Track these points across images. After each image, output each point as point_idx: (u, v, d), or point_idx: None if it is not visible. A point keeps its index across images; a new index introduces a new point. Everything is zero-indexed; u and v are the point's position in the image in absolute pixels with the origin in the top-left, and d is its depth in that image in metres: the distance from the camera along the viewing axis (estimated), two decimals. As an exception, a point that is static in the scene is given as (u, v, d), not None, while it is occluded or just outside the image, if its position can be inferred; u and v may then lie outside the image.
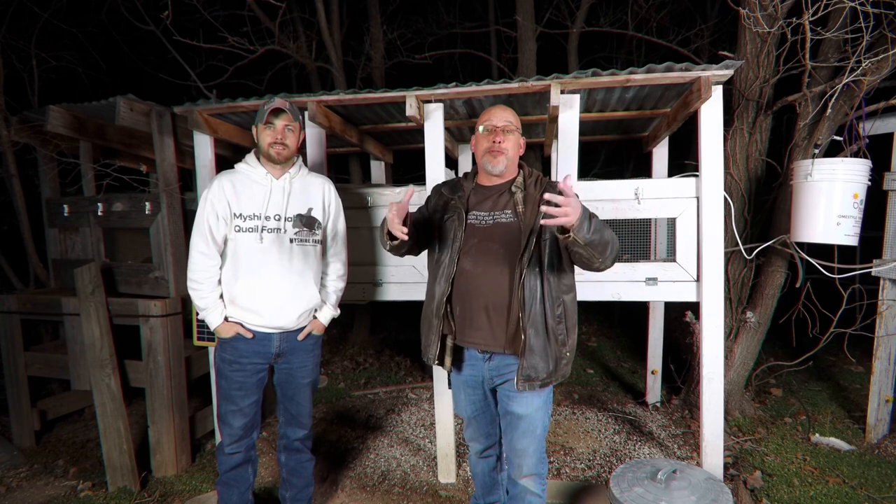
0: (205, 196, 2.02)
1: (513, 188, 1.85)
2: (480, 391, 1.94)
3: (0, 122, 3.19)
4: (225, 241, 2.04)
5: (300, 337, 2.12)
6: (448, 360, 1.87)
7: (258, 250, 2.00)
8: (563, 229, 1.52)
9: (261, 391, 2.13)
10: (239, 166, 2.08)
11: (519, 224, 1.78)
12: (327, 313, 2.20)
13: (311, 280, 2.11)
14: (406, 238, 1.68)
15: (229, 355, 2.06)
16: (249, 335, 2.04)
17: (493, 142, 1.81)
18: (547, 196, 1.46)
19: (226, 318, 2.04)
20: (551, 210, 1.46)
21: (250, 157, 2.09)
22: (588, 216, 1.53)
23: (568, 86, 2.40)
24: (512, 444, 1.87)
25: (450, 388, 2.05)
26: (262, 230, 2.00)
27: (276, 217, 2.02)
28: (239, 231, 2.00)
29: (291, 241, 2.05)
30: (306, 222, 2.08)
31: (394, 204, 1.68)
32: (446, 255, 1.83)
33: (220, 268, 2.06)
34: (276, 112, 2.00)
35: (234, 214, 2.00)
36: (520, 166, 1.92)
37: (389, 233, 1.73)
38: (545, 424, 1.86)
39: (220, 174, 2.07)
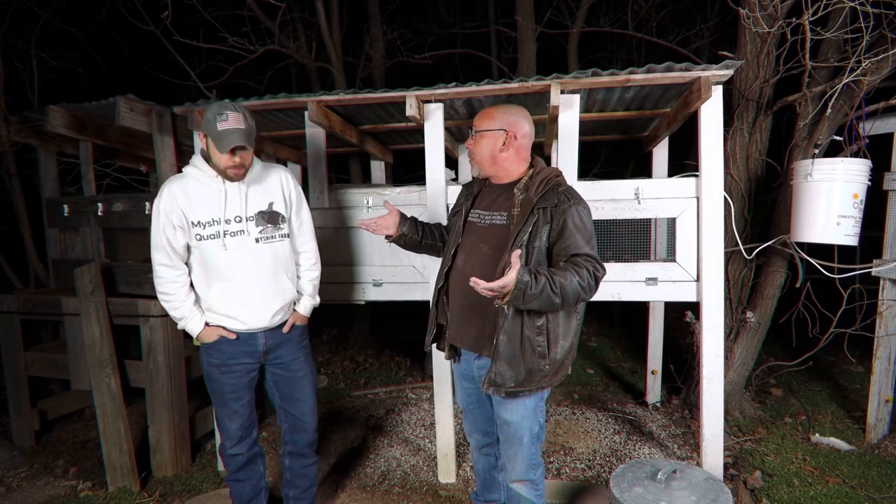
0: (156, 206, 1.88)
1: (515, 189, 1.79)
2: (475, 385, 1.95)
3: (0, 122, 3.19)
4: (188, 249, 1.95)
5: (285, 329, 2.09)
6: (446, 350, 1.97)
7: (224, 257, 1.91)
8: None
9: (252, 391, 2.10)
10: (187, 170, 1.93)
11: (509, 228, 1.74)
12: (307, 303, 2.17)
13: (285, 276, 2.05)
14: (393, 233, 1.98)
15: (216, 359, 2.01)
16: (233, 336, 1.99)
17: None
18: (473, 285, 1.47)
19: (206, 324, 1.99)
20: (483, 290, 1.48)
21: (197, 160, 1.92)
22: (527, 287, 1.47)
23: (568, 86, 2.40)
24: (503, 448, 1.91)
25: (452, 376, 2.13)
26: (224, 235, 1.90)
27: (237, 219, 1.91)
28: (200, 240, 1.89)
29: (257, 240, 1.95)
30: (269, 218, 1.98)
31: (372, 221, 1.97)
32: (446, 249, 1.93)
33: (190, 275, 1.97)
34: (235, 150, 1.82)
35: (192, 223, 1.88)
36: (532, 164, 1.85)
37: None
38: (533, 432, 1.83)
39: (167, 181, 1.92)
